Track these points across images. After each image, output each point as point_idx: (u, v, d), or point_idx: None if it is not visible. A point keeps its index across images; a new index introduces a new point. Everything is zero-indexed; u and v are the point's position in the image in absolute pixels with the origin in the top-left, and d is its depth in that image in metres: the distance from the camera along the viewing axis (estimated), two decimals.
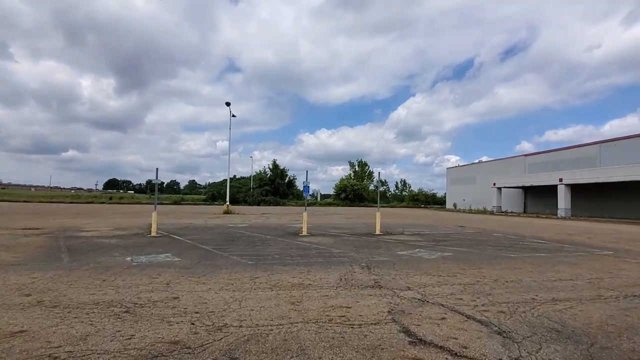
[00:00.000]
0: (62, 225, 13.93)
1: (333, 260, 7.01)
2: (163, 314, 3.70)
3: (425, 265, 6.68)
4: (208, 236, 11.06)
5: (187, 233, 11.84)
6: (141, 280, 5.17)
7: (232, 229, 13.55)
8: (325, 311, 3.85)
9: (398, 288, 4.88)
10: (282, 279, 5.37)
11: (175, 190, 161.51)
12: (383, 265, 6.59)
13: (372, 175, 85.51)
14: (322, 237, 11.32)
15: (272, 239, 10.61)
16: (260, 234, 11.80)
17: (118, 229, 12.83)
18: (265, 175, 63.41)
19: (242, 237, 11.00)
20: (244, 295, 4.41)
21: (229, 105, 26.15)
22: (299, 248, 8.70)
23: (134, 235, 10.84)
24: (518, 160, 42.84)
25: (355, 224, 18.22)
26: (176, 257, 7.13)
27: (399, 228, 15.50)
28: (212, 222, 17.15)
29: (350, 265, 6.49)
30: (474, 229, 15.92)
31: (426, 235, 12.67)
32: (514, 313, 3.87)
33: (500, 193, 38.72)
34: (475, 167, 52.18)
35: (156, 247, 8.59)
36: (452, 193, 55.87)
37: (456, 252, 8.34)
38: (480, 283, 5.26)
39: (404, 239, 11.20)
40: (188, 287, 4.77)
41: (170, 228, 13.53)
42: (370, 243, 9.94)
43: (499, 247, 9.60)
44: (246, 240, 10.08)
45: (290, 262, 6.75)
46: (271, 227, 14.67)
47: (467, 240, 11.17)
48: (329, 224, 17.43)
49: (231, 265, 6.40)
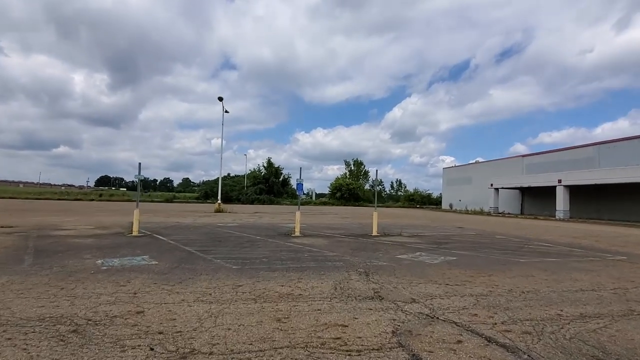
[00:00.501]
0: (39, 224, 13.10)
1: (327, 265, 6.36)
2: (119, 334, 3.02)
3: (429, 271, 6.05)
4: (194, 236, 10.35)
5: (172, 233, 11.11)
6: (105, 288, 4.47)
7: (220, 229, 12.83)
8: (317, 331, 3.19)
9: (402, 300, 4.24)
10: (268, 287, 4.70)
11: (169, 188, 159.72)
12: (382, 271, 5.95)
13: (367, 175, 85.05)
14: (315, 238, 10.66)
15: (262, 240, 9.93)
16: (250, 235, 11.11)
17: (99, 228, 12.05)
18: (260, 174, 62.59)
19: (230, 237, 10.30)
20: (222, 309, 3.73)
21: (221, 100, 25.37)
22: (290, 250, 8.04)
23: (113, 235, 10.09)
24: (515, 161, 42.51)
25: (350, 224, 17.59)
26: (153, 260, 6.43)
27: (397, 229, 14.90)
28: (201, 221, 16.40)
29: (346, 271, 5.84)
30: (474, 231, 15.37)
31: (426, 236, 12.07)
32: (541, 334, 3.25)
33: (497, 194, 38.36)
34: (471, 167, 51.86)
35: (134, 248, 7.87)
36: (448, 193, 55.52)
37: (460, 256, 7.73)
38: (494, 294, 4.64)
39: (402, 240, 10.58)
40: (158, 298, 4.09)
41: (155, 227, 12.78)
42: (367, 245, 9.30)
43: (505, 250, 9.01)
44: (234, 242, 9.39)
45: (280, 267, 6.08)
46: (262, 227, 13.98)
47: (469, 242, 10.58)
48: (323, 224, 16.78)
49: (213, 270, 5.72)
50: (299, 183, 11.34)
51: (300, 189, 11.39)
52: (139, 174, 10.46)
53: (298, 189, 11.37)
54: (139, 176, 10.43)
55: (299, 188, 11.38)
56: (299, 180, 11.35)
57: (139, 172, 10.46)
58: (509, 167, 42.04)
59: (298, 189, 11.37)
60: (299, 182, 11.36)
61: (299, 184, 11.33)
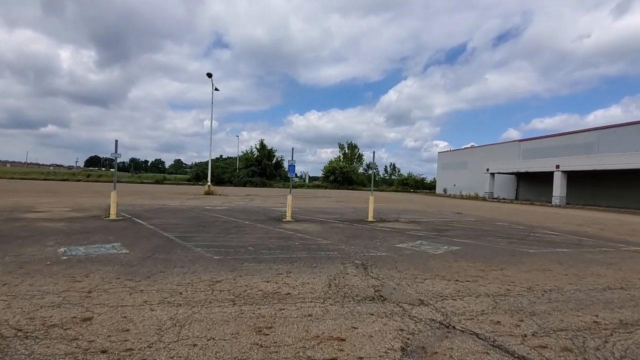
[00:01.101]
0: (14, 205, 12.22)
1: (320, 256, 5.69)
2: (48, 354, 2.31)
3: (433, 263, 5.42)
4: (177, 220, 9.60)
5: (154, 216, 10.34)
6: (56, 285, 3.75)
7: (207, 212, 12.10)
8: (306, 348, 2.52)
9: (408, 302, 3.59)
10: (251, 284, 4.02)
11: (160, 170, 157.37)
12: (382, 263, 5.31)
13: (362, 158, 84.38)
14: (308, 223, 10.00)
15: (250, 225, 9.23)
16: (238, 219, 10.40)
17: (76, 210, 11.23)
18: (252, 156, 61.42)
19: (217, 222, 9.58)
20: (191, 315, 3.04)
21: (210, 76, 24.13)
22: (280, 237, 7.35)
23: (89, 218, 9.30)
24: (512, 145, 41.94)
25: (344, 208, 16.97)
26: (124, 249, 5.69)
27: (393, 214, 14.32)
28: (188, 204, 15.63)
29: (341, 263, 5.18)
30: (473, 217, 14.86)
31: (424, 223, 11.48)
32: (584, 351, 2.62)
33: (493, 179, 37.93)
34: (467, 152, 51.30)
35: (107, 234, 7.11)
36: (442, 178, 55.14)
37: (465, 246, 7.13)
38: (513, 293, 4.02)
39: (400, 227, 9.97)
40: (115, 299, 3.37)
41: (137, 210, 11.99)
42: (363, 232, 8.67)
43: (510, 239, 8.45)
44: (220, 227, 8.67)
45: (267, 258, 5.40)
46: (252, 211, 13.28)
47: (471, 230, 10.01)
48: (316, 208, 16.13)
49: (190, 261, 5.01)
50: (291, 165, 10.57)
51: (292, 171, 10.64)
52: (115, 152, 9.59)
53: (290, 170, 10.62)
54: (115, 154, 9.56)
55: (291, 170, 10.63)
56: (291, 162, 10.58)
57: (115, 150, 9.59)
58: (505, 152, 41.54)
59: (290, 170, 10.62)
60: (290, 163, 10.59)
61: (290, 166, 10.57)
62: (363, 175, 79.27)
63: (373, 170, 12.42)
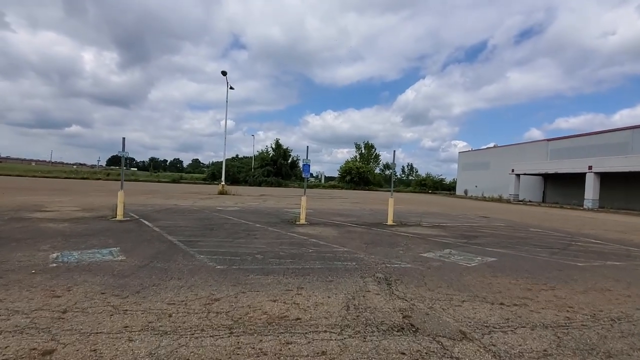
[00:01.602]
0: (23, 204, 12.08)
1: (336, 267, 5.03)
2: None
3: (468, 279, 4.67)
4: (185, 222, 9.13)
5: (162, 217, 9.92)
6: (30, 301, 3.23)
7: (218, 213, 11.62)
8: None
9: (446, 334, 2.88)
10: (255, 304, 3.40)
11: (178, 169, 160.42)
12: (408, 277, 4.59)
13: (378, 158, 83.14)
14: (323, 227, 9.35)
15: (261, 228, 8.65)
16: (249, 221, 9.85)
17: (84, 210, 10.95)
18: (268, 155, 61.23)
19: (226, 224, 9.05)
20: (176, 350, 2.44)
21: (225, 74, 23.80)
22: (293, 244, 6.73)
23: (95, 219, 8.94)
24: (539, 145, 39.76)
25: (361, 210, 16.23)
26: (121, 255, 5.19)
27: (414, 217, 13.50)
28: (200, 204, 15.25)
29: (361, 277, 4.50)
30: (502, 221, 13.84)
31: (450, 228, 10.63)
32: None
33: (518, 180, 36.13)
34: (489, 152, 49.30)
35: (108, 236, 6.67)
36: (463, 179, 53.36)
37: (501, 256, 6.31)
38: (575, 323, 3.25)
39: (424, 232, 9.18)
40: (90, 323, 2.81)
41: (147, 210, 11.63)
42: (383, 238, 7.94)
43: (551, 249, 7.54)
44: (229, 230, 8.13)
45: (276, 269, 4.78)
46: (265, 212, 12.73)
47: (503, 237, 9.10)
48: (332, 210, 15.46)
49: (190, 272, 4.44)
50: (306, 164, 9.95)
51: (306, 170, 10.01)
52: (122, 150, 9.21)
53: (304, 170, 9.99)
54: (122, 153, 9.18)
55: (306, 170, 10.00)
56: (306, 161, 9.95)
57: (122, 148, 9.20)
58: (531, 152, 39.47)
59: (304, 170, 9.99)
60: (305, 163, 9.96)
61: (305, 165, 9.94)
62: (380, 175, 78.08)
63: (393, 171, 11.64)
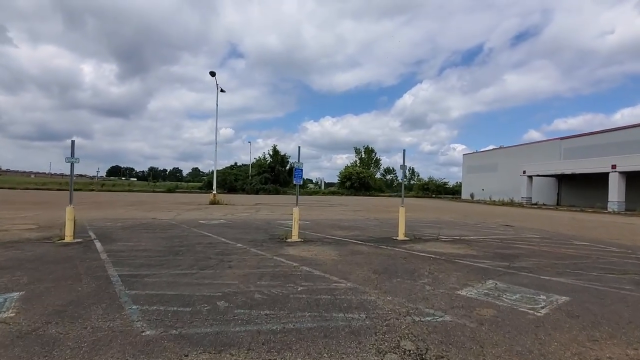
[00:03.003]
0: None
1: (337, 326, 3.21)
2: None
3: (555, 349, 2.84)
4: (149, 243, 7.33)
5: (125, 237, 8.12)
6: None
7: (198, 229, 9.83)
8: None
9: None
10: None
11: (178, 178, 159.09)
12: (456, 348, 2.78)
13: (379, 163, 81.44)
14: (319, 245, 7.54)
15: (241, 249, 6.85)
16: (230, 239, 8.05)
17: (38, 228, 9.17)
18: (265, 162, 59.46)
19: (199, 245, 7.25)
20: None
21: (213, 75, 22.16)
22: (277, 276, 4.92)
23: (35, 242, 7.15)
24: (551, 144, 37.40)
25: (365, 220, 14.40)
26: (14, 310, 3.43)
27: (427, 228, 11.68)
28: (183, 217, 13.45)
29: (377, 353, 2.68)
30: (531, 231, 11.96)
31: (475, 243, 8.79)
32: None
33: (531, 182, 33.99)
34: (496, 153, 47.06)
35: (28, 270, 4.88)
36: (468, 182, 51.35)
37: (572, 292, 4.46)
38: None
39: (446, 250, 7.34)
40: None
41: (113, 227, 9.84)
42: (397, 262, 6.12)
43: (628, 274, 5.69)
44: (199, 253, 6.33)
45: (240, 334, 2.97)
46: (253, 226, 10.92)
47: (550, 255, 7.18)
48: (331, 221, 13.64)
49: (93, 345, 2.64)
50: (297, 168, 8.18)
51: (298, 176, 8.23)
52: (72, 155, 7.46)
53: (296, 176, 8.21)
54: (71, 159, 7.43)
55: (297, 175, 8.22)
56: (297, 165, 8.19)
57: (71, 154, 7.45)
58: (543, 152, 37.23)
59: (296, 176, 8.21)
60: (297, 167, 8.20)
61: (296, 170, 8.17)
62: (381, 180, 76.33)
63: (403, 177, 9.77)
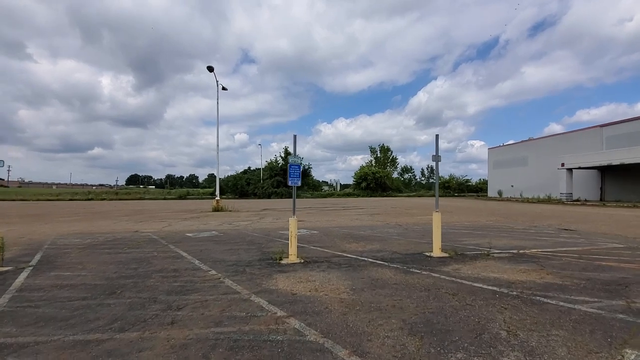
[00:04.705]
0: None
1: None
2: None
3: None
4: (93, 272, 5.39)
5: (70, 262, 6.22)
6: None
7: (175, 246, 7.87)
8: None
9: None
10: None
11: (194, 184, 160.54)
12: None
13: (395, 162, 78.51)
14: (324, 270, 5.41)
15: (210, 281, 4.79)
16: (207, 262, 6.03)
17: None
18: (277, 165, 57.62)
19: (158, 273, 5.25)
20: None
21: (212, 70, 20.40)
22: (240, 346, 2.82)
23: None
24: (591, 133, 33.71)
25: (384, 226, 12.14)
26: None
27: (466, 236, 9.38)
28: (171, 228, 11.57)
29: None
30: (603, 237, 9.43)
31: (546, 261, 6.43)
32: None
33: (571, 176, 30.65)
34: (526, 145, 43.42)
35: None
36: (495, 178, 47.89)
37: None
38: None
39: (512, 277, 5.04)
40: None
41: (73, 245, 8.00)
42: (444, 304, 3.92)
43: None
44: (145, 291, 4.31)
45: None
46: (246, 240, 8.88)
47: None
48: (344, 229, 11.47)
49: None
50: (293, 165, 6.09)
51: (295, 174, 6.09)
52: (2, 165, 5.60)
53: (291, 174, 6.08)
54: None
55: (294, 173, 6.09)
56: (294, 160, 6.11)
57: None
58: (582, 142, 33.70)
59: (291, 174, 6.08)
60: (292, 163, 6.11)
61: (292, 166, 6.06)
62: (398, 180, 73.40)
63: (437, 174, 7.45)
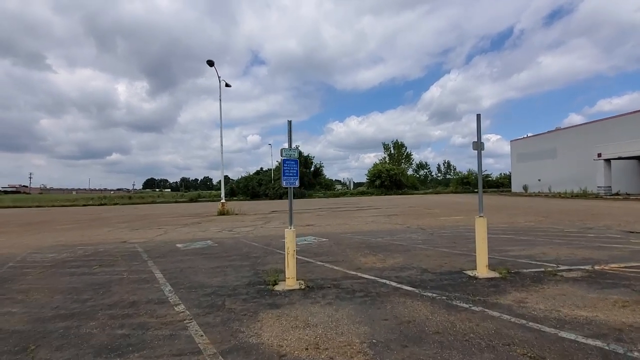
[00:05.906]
0: None
1: None
2: None
3: None
4: (28, 307, 4.10)
5: (16, 289, 4.99)
6: None
7: (155, 262, 6.59)
8: None
9: None
10: None
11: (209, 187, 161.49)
12: None
13: (410, 158, 76.22)
14: (330, 304, 4.00)
15: (179, 319, 3.42)
16: (180, 289, 4.69)
17: None
18: None
19: (116, 305, 3.92)
20: None
21: (212, 65, 19.19)
22: None
23: None
24: (629, 119, 30.45)
25: (406, 231, 10.56)
26: None
27: (511, 244, 7.77)
28: (163, 237, 10.33)
29: None
30: None
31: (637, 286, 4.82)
32: None
33: (609, 168, 28.05)
34: (554, 136, 40.48)
35: None
36: (519, 172, 45.19)
37: None
38: None
39: (611, 317, 3.43)
40: None
41: (39, 261, 6.82)
42: None
43: None
44: (80, 340, 2.97)
45: None
46: (241, 253, 7.50)
47: None
48: (358, 235, 9.98)
49: None
50: (288, 159, 4.67)
51: (289, 171, 4.67)
52: None
53: (285, 172, 4.64)
54: None
55: (287, 170, 4.66)
56: (288, 155, 4.70)
57: None
58: (619, 129, 30.70)
59: (285, 172, 4.64)
60: (287, 157, 4.70)
61: (286, 161, 4.64)
62: (413, 177, 71.14)
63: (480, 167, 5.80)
